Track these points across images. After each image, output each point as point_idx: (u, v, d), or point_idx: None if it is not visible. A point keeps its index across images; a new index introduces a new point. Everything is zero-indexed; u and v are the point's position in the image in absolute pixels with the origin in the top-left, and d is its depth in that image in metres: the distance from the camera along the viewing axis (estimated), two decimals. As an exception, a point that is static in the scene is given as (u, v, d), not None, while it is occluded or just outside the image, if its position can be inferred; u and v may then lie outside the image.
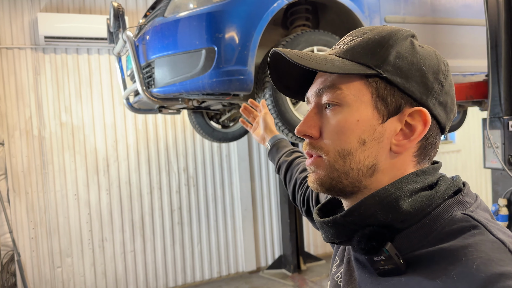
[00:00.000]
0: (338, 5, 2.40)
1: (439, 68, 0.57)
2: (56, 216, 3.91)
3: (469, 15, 2.72)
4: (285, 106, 2.27)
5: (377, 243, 0.52)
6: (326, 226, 0.58)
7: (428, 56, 0.57)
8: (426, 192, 0.54)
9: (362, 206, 0.54)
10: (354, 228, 0.55)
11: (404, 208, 0.52)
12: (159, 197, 4.26)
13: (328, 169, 0.59)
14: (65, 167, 3.93)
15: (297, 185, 1.13)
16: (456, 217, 0.51)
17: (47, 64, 3.87)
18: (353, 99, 0.57)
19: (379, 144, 0.57)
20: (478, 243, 0.46)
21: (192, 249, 4.41)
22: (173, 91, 2.30)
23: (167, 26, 2.28)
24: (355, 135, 0.57)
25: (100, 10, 4.03)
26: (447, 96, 0.58)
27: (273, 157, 1.33)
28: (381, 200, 0.54)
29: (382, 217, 0.53)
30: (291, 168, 1.21)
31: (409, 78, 0.55)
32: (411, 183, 0.55)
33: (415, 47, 0.58)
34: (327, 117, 0.59)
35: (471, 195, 0.57)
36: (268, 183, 4.77)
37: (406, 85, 0.55)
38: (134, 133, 4.16)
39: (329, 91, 0.58)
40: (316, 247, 5.04)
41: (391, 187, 0.54)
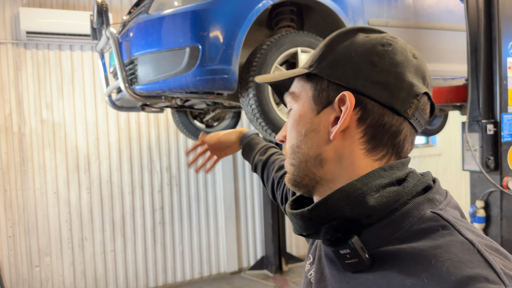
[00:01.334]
0: (322, 7, 2.42)
1: (372, 50, 0.57)
2: (35, 214, 3.84)
3: (451, 20, 2.77)
4: (269, 106, 2.28)
5: (343, 235, 0.53)
6: (294, 218, 0.58)
7: (364, 43, 0.58)
8: (393, 187, 0.54)
9: (328, 200, 0.55)
10: (321, 221, 0.55)
11: (371, 203, 0.52)
12: (140, 196, 4.22)
13: (289, 167, 0.64)
14: (45, 164, 3.86)
15: (275, 185, 1.14)
16: (426, 216, 0.51)
17: (28, 59, 3.80)
18: (299, 98, 0.63)
19: (317, 134, 0.60)
20: (447, 244, 0.47)
21: (173, 249, 4.38)
22: (156, 88, 2.28)
23: (151, 23, 2.27)
24: (297, 130, 0.62)
25: (84, 6, 3.98)
26: (385, 75, 0.56)
27: (247, 156, 1.31)
28: (348, 195, 0.54)
29: (348, 212, 0.53)
30: (267, 167, 1.22)
31: (335, 68, 0.58)
32: (378, 178, 0.55)
33: (354, 39, 0.59)
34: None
35: (441, 192, 0.57)
36: (252, 183, 4.78)
37: (333, 74, 0.58)
38: (116, 131, 4.11)
39: (288, 96, 0.66)
40: (298, 248, 5.06)
41: (358, 182, 0.54)
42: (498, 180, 2.29)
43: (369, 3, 2.56)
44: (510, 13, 2.35)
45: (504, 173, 2.32)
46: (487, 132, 2.26)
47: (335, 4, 2.41)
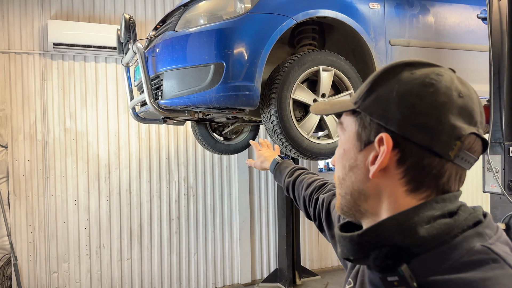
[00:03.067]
0: (344, 26, 2.46)
1: (413, 91, 0.56)
2: (55, 221, 3.92)
3: (473, 41, 2.78)
4: (290, 123, 2.31)
5: (393, 262, 0.53)
6: (343, 240, 0.60)
7: (407, 83, 0.58)
8: (445, 220, 0.55)
9: (379, 227, 0.56)
10: (369, 247, 0.56)
11: (421, 233, 0.53)
12: (158, 205, 4.28)
13: (338, 195, 0.67)
14: (67, 172, 3.95)
15: (306, 203, 1.18)
16: (475, 249, 0.51)
17: (54, 70, 3.92)
18: (346, 131, 0.65)
19: (360, 170, 0.62)
20: (498, 277, 0.47)
21: (188, 259, 4.41)
22: (180, 103, 2.33)
23: (177, 40, 2.33)
24: (343, 163, 0.65)
25: (109, 20, 4.09)
26: (425, 117, 0.55)
27: (279, 180, 1.41)
28: (399, 224, 0.55)
29: (398, 240, 0.54)
30: (296, 188, 1.27)
31: (377, 107, 0.59)
32: (431, 209, 0.55)
33: (399, 77, 0.59)
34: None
35: (492, 227, 0.56)
36: (267, 196, 4.80)
37: (375, 113, 0.59)
38: (136, 141, 4.19)
39: (338, 125, 0.68)
40: (312, 262, 5.05)
41: (410, 211, 0.55)
42: (519, 202, 2.27)
43: (391, 23, 2.58)
44: (533, 35, 2.35)
45: (526, 195, 2.30)
46: (510, 154, 2.25)
47: (357, 24, 2.45)
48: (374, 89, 0.61)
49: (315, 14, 2.35)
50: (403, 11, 2.63)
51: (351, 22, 2.42)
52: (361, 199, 0.62)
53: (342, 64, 2.41)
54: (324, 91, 2.38)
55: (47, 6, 3.89)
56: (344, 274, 2.38)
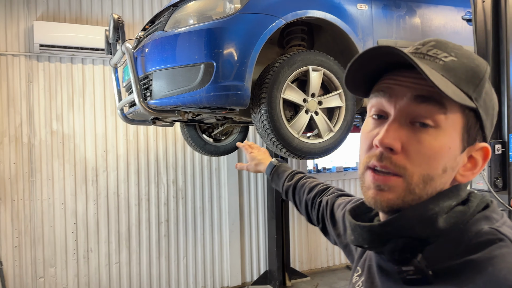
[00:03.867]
0: (333, 27, 2.48)
1: (495, 105, 0.61)
2: (42, 225, 3.86)
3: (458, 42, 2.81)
4: (280, 122, 2.31)
5: (411, 254, 0.54)
6: (361, 230, 0.59)
7: (494, 94, 0.61)
8: (460, 207, 0.56)
9: (402, 218, 0.56)
10: (389, 237, 0.56)
11: (441, 224, 0.54)
12: (146, 208, 4.24)
13: (406, 192, 0.57)
14: (54, 175, 3.89)
15: (309, 207, 1.16)
16: (483, 231, 0.53)
17: (40, 72, 3.86)
18: (450, 124, 0.56)
19: (453, 173, 0.59)
20: (504, 255, 0.48)
21: (177, 263, 4.38)
22: (170, 103, 2.32)
23: (167, 40, 2.32)
24: (442, 162, 0.57)
25: (96, 21, 4.06)
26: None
27: (277, 184, 1.37)
28: (421, 214, 0.55)
29: (419, 231, 0.55)
30: (296, 192, 1.24)
31: (488, 115, 0.59)
32: (448, 199, 0.57)
33: (490, 83, 0.60)
34: (418, 136, 0.56)
35: (498, 212, 0.58)
36: (256, 198, 4.79)
37: (486, 122, 0.59)
38: (124, 144, 4.15)
39: (433, 105, 0.55)
40: (301, 263, 5.05)
41: (430, 202, 0.56)
42: (506, 199, 2.32)
43: (379, 24, 2.62)
44: (517, 35, 2.41)
45: (512, 192, 2.34)
46: (495, 152, 2.30)
47: (345, 24, 2.47)
48: (484, 91, 0.58)
49: (304, 14, 2.36)
50: (390, 12, 2.66)
51: (339, 22, 2.45)
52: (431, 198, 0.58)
53: (331, 64, 2.43)
54: (313, 90, 2.39)
55: (33, 7, 3.84)
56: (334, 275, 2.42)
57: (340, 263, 5.23)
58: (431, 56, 0.58)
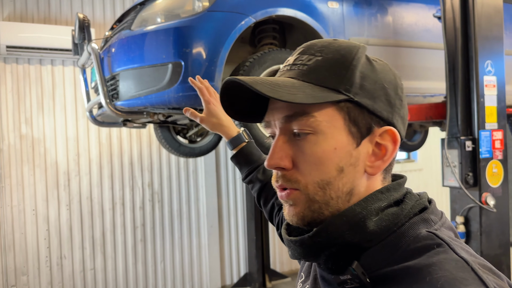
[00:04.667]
0: (304, 26, 2.46)
1: (397, 83, 0.58)
2: (12, 232, 3.73)
3: (429, 39, 2.84)
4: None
5: (344, 262, 0.52)
6: (293, 244, 0.57)
7: (385, 71, 0.57)
8: (392, 209, 0.54)
9: (329, 226, 0.53)
10: (321, 247, 0.54)
11: (371, 228, 0.52)
12: (121, 213, 4.15)
13: (308, 202, 0.56)
14: (24, 181, 3.77)
15: (275, 210, 1.12)
16: (421, 235, 0.51)
17: (7, 74, 3.74)
18: (327, 125, 0.55)
19: (356, 169, 0.56)
20: (442, 262, 0.47)
21: (155, 267, 4.29)
22: (138, 104, 2.27)
23: (133, 39, 2.27)
24: (333, 164, 0.55)
25: (66, 21, 3.95)
26: (404, 110, 0.59)
27: (240, 166, 1.20)
28: (348, 220, 0.53)
29: (349, 237, 0.53)
30: (266, 190, 1.14)
31: (375, 98, 0.55)
32: (377, 201, 0.54)
33: (372, 64, 0.57)
34: (300, 146, 0.56)
35: (437, 213, 0.57)
36: (235, 199, 4.74)
37: (375, 106, 0.55)
38: (97, 147, 4.05)
39: (300, 119, 0.55)
40: (282, 264, 5.03)
41: (358, 206, 0.54)
42: (477, 196, 2.33)
43: (350, 22, 2.61)
44: (486, 33, 2.43)
45: (483, 189, 2.36)
46: (465, 149, 2.31)
47: (316, 23, 2.46)
48: (362, 77, 0.55)
49: (274, 12, 2.34)
50: (361, 10, 2.66)
51: (310, 21, 2.43)
52: (346, 201, 0.56)
53: (302, 63, 2.40)
54: (285, 89, 2.36)
55: (-2, 7, 3.72)
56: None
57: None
58: (296, 64, 0.58)
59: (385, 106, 0.56)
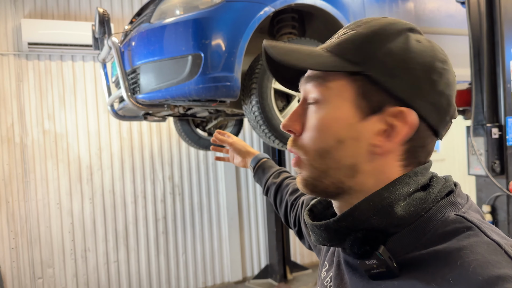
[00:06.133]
0: (323, 14, 2.43)
1: (433, 66, 0.53)
2: (38, 225, 3.83)
3: (453, 25, 2.77)
4: (272, 113, 2.27)
5: (371, 247, 0.51)
6: (318, 229, 0.56)
7: (422, 53, 0.53)
8: (419, 194, 0.53)
9: (356, 211, 0.53)
10: (346, 232, 0.54)
11: (399, 213, 0.51)
12: (143, 206, 4.20)
13: (309, 168, 0.58)
14: (48, 175, 3.85)
15: (288, 208, 1.11)
16: (449, 219, 0.50)
17: (30, 70, 3.81)
18: (334, 95, 0.55)
19: (358, 144, 0.54)
20: (473, 245, 0.46)
21: (177, 259, 4.35)
22: (158, 97, 2.28)
23: (153, 32, 2.27)
24: (332, 134, 0.55)
25: (85, 17, 4.00)
26: (440, 97, 0.54)
27: (260, 178, 1.30)
28: (375, 205, 0.52)
29: (376, 222, 0.52)
30: (280, 190, 1.18)
31: (395, 76, 0.52)
32: (405, 185, 0.53)
33: (409, 43, 0.54)
34: (308, 113, 0.58)
35: (463, 196, 0.56)
36: (255, 192, 4.76)
37: (391, 83, 0.52)
38: (118, 141, 4.11)
39: (314, 83, 0.57)
40: (302, 256, 5.03)
41: (385, 190, 0.53)
42: (504, 184, 2.27)
43: (370, 9, 2.57)
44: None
45: (510, 176, 2.30)
46: (492, 136, 2.25)
47: (336, 10, 2.42)
48: (381, 51, 0.53)
49: (293, 1, 2.31)
50: (382, -3, 2.61)
51: (330, 9, 2.39)
52: (348, 176, 0.55)
53: (323, 52, 2.37)
54: (305, 79, 2.34)
55: (20, 5, 3.78)
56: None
57: (341, 255, 5.21)
58: (333, 37, 0.59)
59: (406, 87, 0.53)
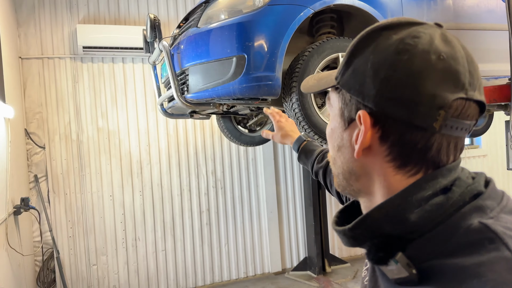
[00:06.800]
0: (362, 13, 2.49)
1: (386, 61, 0.51)
2: (92, 216, 4.13)
3: (492, 20, 2.76)
4: (311, 110, 2.38)
5: (385, 254, 0.51)
6: (339, 234, 0.57)
7: (380, 50, 0.53)
8: (437, 199, 0.51)
9: (368, 219, 0.53)
10: (363, 239, 0.54)
11: (412, 219, 0.50)
12: (188, 198, 4.43)
13: (333, 174, 0.65)
14: (101, 169, 4.15)
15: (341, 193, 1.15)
16: (472, 227, 0.47)
17: (85, 72, 4.11)
18: (333, 108, 0.61)
19: (347, 150, 0.59)
20: (492, 261, 0.44)
21: (220, 250, 4.55)
22: (205, 96, 2.42)
23: (200, 36, 2.42)
24: (332, 143, 0.62)
25: (134, 21, 4.25)
26: (399, 90, 0.50)
27: (304, 163, 1.35)
28: (387, 212, 0.52)
29: (389, 229, 0.51)
30: (328, 174, 1.23)
31: (354, 81, 0.55)
32: (420, 190, 0.51)
33: (376, 44, 0.53)
34: None
35: (494, 196, 0.52)
36: (293, 186, 4.88)
37: (352, 89, 0.55)
38: (165, 138, 4.35)
39: (327, 101, 0.64)
40: (341, 250, 5.10)
41: (397, 197, 0.52)
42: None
43: (408, 6, 2.60)
44: (554, 10, 2.33)
45: (552, 171, 2.30)
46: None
47: (374, 10, 2.48)
48: (351, 62, 0.56)
49: (332, 2, 2.39)
50: (420, -6, 2.64)
51: (368, 8, 2.46)
52: (352, 179, 0.60)
53: (361, 50, 2.44)
54: (344, 77, 2.42)
55: (75, 11, 4.08)
56: None
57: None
58: None
59: (364, 88, 0.53)
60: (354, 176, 0.59)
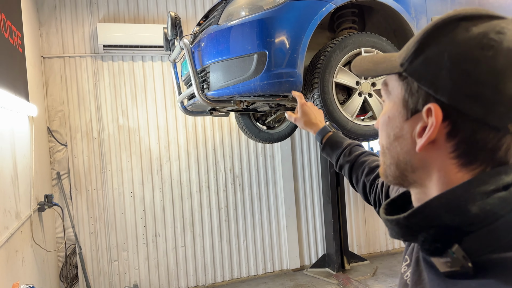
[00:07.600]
0: (384, 7, 2.46)
1: (468, 55, 0.50)
2: (114, 212, 4.19)
3: (519, 13, 2.70)
4: (333, 106, 2.36)
5: (442, 245, 0.50)
6: (390, 224, 0.56)
7: (459, 42, 0.51)
8: (499, 194, 0.49)
9: (426, 208, 0.52)
10: (418, 228, 0.52)
11: (473, 211, 0.49)
12: (207, 195, 4.46)
13: (382, 162, 0.63)
14: (122, 166, 4.20)
15: (367, 188, 1.12)
16: None
17: (105, 71, 4.16)
18: (392, 96, 0.59)
19: (405, 141, 0.57)
20: None
21: (238, 246, 4.57)
22: (226, 93, 2.42)
23: (221, 33, 2.42)
24: (387, 132, 0.59)
25: (153, 20, 4.28)
26: (480, 87, 0.49)
27: (328, 154, 1.30)
28: (448, 202, 0.50)
29: (448, 219, 0.50)
30: (355, 169, 1.19)
31: (426, 71, 0.53)
32: (483, 184, 0.50)
33: (453, 34, 0.51)
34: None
35: None
36: (311, 183, 4.86)
37: (423, 79, 0.53)
38: (184, 135, 4.38)
39: (383, 86, 0.62)
40: (360, 247, 5.07)
41: (460, 188, 0.51)
42: None
43: (432, 0, 2.56)
44: None
45: None
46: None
47: (397, 4, 2.44)
48: (422, 50, 0.53)
49: (354, -3, 2.37)
50: (443, -12, 2.59)
51: (390, 2, 2.42)
52: (408, 170, 0.58)
53: (384, 45, 2.42)
54: (366, 73, 2.40)
55: (95, 11, 4.13)
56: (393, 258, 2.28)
57: (400, 247, 5.18)
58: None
59: (438, 81, 0.51)
60: (410, 168, 0.57)
